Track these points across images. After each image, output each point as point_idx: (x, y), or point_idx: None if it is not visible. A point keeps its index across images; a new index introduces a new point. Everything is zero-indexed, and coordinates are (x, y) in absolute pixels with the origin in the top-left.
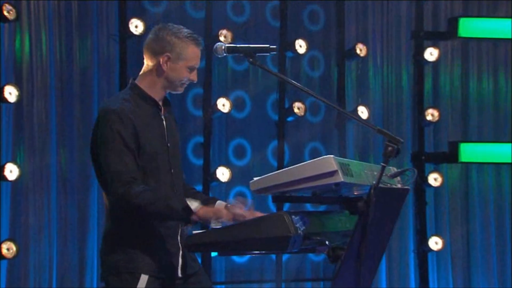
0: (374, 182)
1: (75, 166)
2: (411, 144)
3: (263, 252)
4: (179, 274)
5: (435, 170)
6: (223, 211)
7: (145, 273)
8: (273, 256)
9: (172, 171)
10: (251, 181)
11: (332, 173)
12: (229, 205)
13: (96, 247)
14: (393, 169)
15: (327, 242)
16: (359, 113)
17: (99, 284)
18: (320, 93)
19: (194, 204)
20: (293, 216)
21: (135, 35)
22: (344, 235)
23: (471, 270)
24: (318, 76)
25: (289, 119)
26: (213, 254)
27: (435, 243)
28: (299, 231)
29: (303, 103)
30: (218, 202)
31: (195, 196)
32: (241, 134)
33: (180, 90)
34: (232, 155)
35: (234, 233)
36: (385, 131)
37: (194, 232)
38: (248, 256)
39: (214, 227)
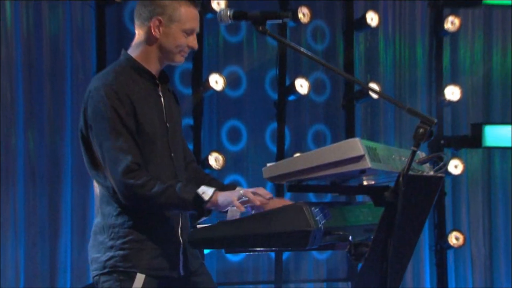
0: (403, 169)
1: (45, 153)
2: None
3: (279, 249)
4: (181, 272)
5: (455, 156)
6: (248, 193)
7: (141, 272)
8: (272, 254)
9: (173, 155)
10: (264, 168)
11: (359, 159)
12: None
13: (70, 245)
14: (422, 154)
15: (350, 238)
16: (369, 91)
17: (74, 286)
18: (324, 69)
19: (207, 191)
20: (313, 208)
21: (114, 1)
22: (366, 230)
23: (493, 268)
24: (322, 49)
25: (290, 98)
26: (206, 251)
27: (455, 238)
28: (319, 225)
29: (306, 80)
30: (238, 188)
31: (210, 184)
32: (236, 115)
33: (180, 60)
34: (226, 139)
35: (245, 227)
36: (416, 110)
37: (198, 226)
38: (243, 254)
39: (230, 218)
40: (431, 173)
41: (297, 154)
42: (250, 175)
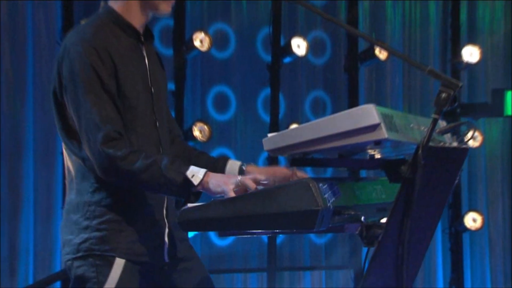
0: (422, 140)
1: (3, 125)
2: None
3: (281, 231)
4: (165, 258)
5: (472, 127)
6: (247, 181)
7: (121, 257)
8: (264, 238)
9: (158, 124)
10: (264, 139)
11: (374, 128)
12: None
13: (32, 229)
14: (443, 124)
15: (362, 218)
16: (376, 52)
17: (36, 275)
18: (323, 27)
19: (198, 173)
20: (320, 185)
21: None
22: (380, 210)
23: None
24: (322, 5)
25: (286, 60)
26: (190, 234)
27: (472, 220)
28: (328, 204)
29: (304, 39)
30: (231, 162)
31: (198, 159)
32: (223, 80)
33: (165, 9)
34: (212, 107)
35: (243, 207)
36: (438, 72)
37: (189, 205)
38: (232, 238)
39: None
40: (455, 144)
41: (294, 125)
42: (239, 148)
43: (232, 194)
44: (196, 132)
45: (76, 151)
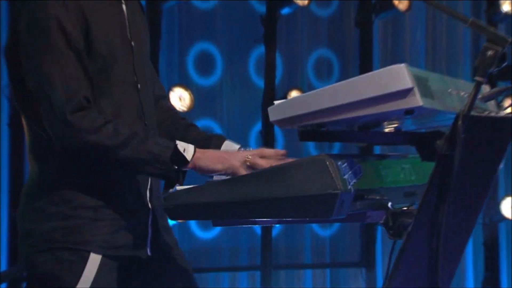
0: (463, 108)
1: None
2: (470, 53)
3: (291, 220)
4: (148, 252)
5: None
6: (257, 160)
7: (96, 251)
8: (257, 230)
9: (139, 86)
10: (270, 107)
11: (405, 93)
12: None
13: None
14: (486, 88)
15: (389, 204)
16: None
17: None
18: None
19: (188, 147)
20: (339, 163)
21: None
22: (408, 194)
23: None
24: None
25: (284, 11)
26: (172, 222)
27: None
28: (348, 187)
29: None
30: (228, 143)
31: (186, 132)
32: (207, 35)
33: None
34: (193, 69)
35: (244, 190)
36: (482, 24)
37: (178, 187)
38: (217, 230)
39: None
40: (503, 113)
41: (294, 92)
42: (226, 120)
43: (243, 172)
44: (174, 100)
45: (36, 120)
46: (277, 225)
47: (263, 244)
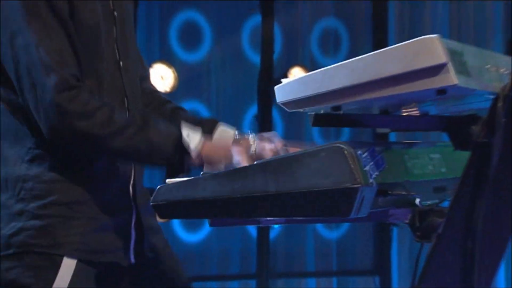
0: (504, 87)
1: None
2: (502, 27)
3: (301, 219)
4: (131, 258)
5: None
6: (265, 151)
7: (71, 255)
8: (253, 231)
9: (122, 64)
10: (277, 86)
11: (438, 70)
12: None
13: None
14: None
15: (417, 201)
16: None
17: None
18: None
19: (192, 134)
20: (359, 152)
21: None
22: (438, 189)
23: None
24: None
25: None
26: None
27: None
28: (370, 180)
29: None
30: (222, 129)
31: (173, 116)
32: (193, 2)
33: None
34: (177, 43)
35: (248, 184)
36: None
37: (168, 180)
38: (205, 232)
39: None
40: None
41: (296, 69)
42: (215, 102)
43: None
44: (155, 78)
45: (5, 98)
46: (276, 226)
47: (259, 248)
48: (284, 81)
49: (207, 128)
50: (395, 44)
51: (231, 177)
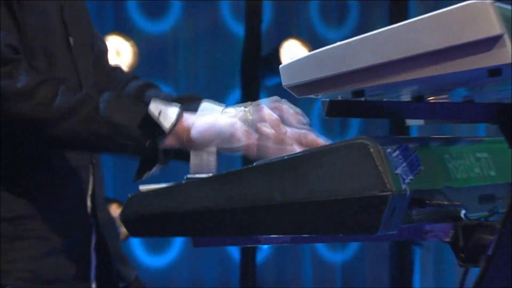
0: None
1: None
2: None
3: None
4: (92, 285)
5: None
6: (262, 130)
7: (16, 285)
8: (235, 252)
9: (72, 41)
10: (282, 66)
11: (491, 44)
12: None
13: None
14: None
15: (462, 214)
16: None
17: None
18: None
19: (166, 109)
20: (388, 150)
21: None
22: (486, 198)
23: None
24: None
25: None
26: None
27: None
28: (403, 186)
29: None
30: (205, 104)
31: (143, 93)
32: None
33: None
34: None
35: (244, 192)
36: None
37: (142, 187)
38: (175, 251)
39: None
40: None
41: (290, 41)
42: (185, 84)
43: (250, 142)
44: (110, 52)
45: None
46: (265, 246)
47: (243, 273)
48: (291, 58)
49: (188, 106)
50: (418, 14)
51: (224, 183)
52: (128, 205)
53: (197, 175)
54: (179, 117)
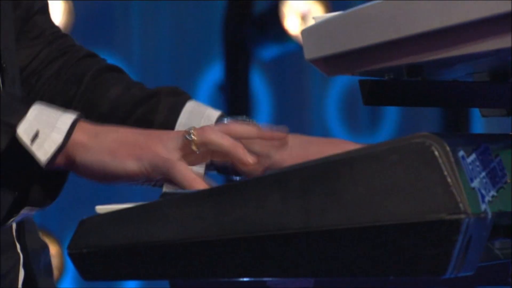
0: None
1: None
2: None
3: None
4: None
5: None
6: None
7: None
8: None
9: None
10: (303, 30)
11: None
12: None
13: None
14: None
15: None
16: None
17: None
18: None
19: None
20: (460, 152)
21: None
22: None
23: None
24: None
25: None
26: None
27: None
28: (483, 207)
29: None
30: (192, 104)
31: (105, 85)
32: None
33: None
34: None
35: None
36: None
37: (99, 208)
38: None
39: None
40: None
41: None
42: (140, 57)
43: (186, 170)
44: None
45: None
46: None
47: None
48: (315, 17)
49: (167, 109)
50: None
51: (218, 202)
52: (80, 233)
53: (178, 190)
54: (63, 145)
